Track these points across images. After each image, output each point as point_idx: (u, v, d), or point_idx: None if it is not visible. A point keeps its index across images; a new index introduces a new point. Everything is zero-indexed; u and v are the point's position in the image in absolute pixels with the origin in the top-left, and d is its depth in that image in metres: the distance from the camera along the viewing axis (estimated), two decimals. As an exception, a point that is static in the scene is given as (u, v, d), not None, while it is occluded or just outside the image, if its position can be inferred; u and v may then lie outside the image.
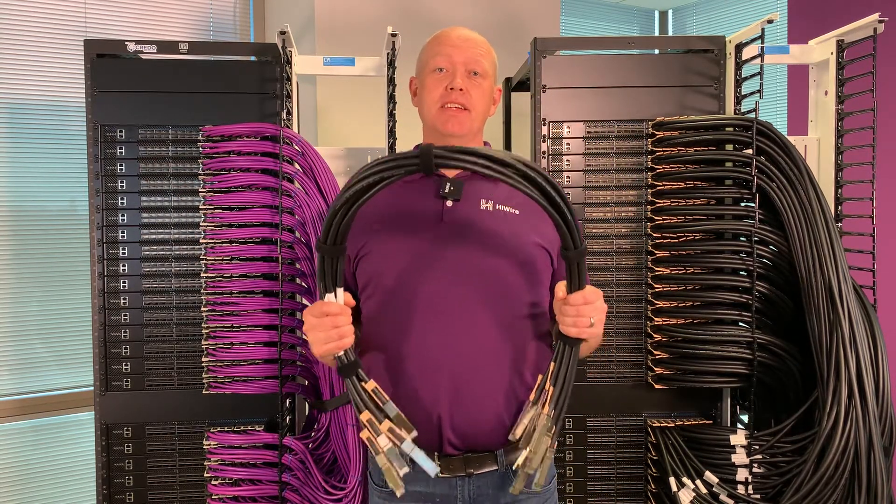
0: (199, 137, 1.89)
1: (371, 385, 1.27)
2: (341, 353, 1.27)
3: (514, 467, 1.26)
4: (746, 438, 1.86)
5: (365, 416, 1.25)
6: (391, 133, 2.02)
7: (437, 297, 1.35)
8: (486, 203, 1.41)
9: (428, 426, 1.34)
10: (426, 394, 1.34)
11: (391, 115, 2.02)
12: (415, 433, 1.25)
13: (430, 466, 1.24)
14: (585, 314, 1.24)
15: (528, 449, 1.24)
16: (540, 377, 1.28)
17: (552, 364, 1.27)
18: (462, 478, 1.36)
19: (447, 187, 1.39)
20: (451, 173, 1.44)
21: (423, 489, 1.37)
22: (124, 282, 2.01)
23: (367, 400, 1.26)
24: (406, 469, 1.23)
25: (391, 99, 2.02)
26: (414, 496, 1.38)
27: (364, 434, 1.25)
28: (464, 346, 1.34)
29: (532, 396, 1.28)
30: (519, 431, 1.27)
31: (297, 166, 1.91)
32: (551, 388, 1.25)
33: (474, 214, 1.39)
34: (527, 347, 1.38)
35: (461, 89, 1.39)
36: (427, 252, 1.36)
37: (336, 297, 1.27)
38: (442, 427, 1.34)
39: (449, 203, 1.40)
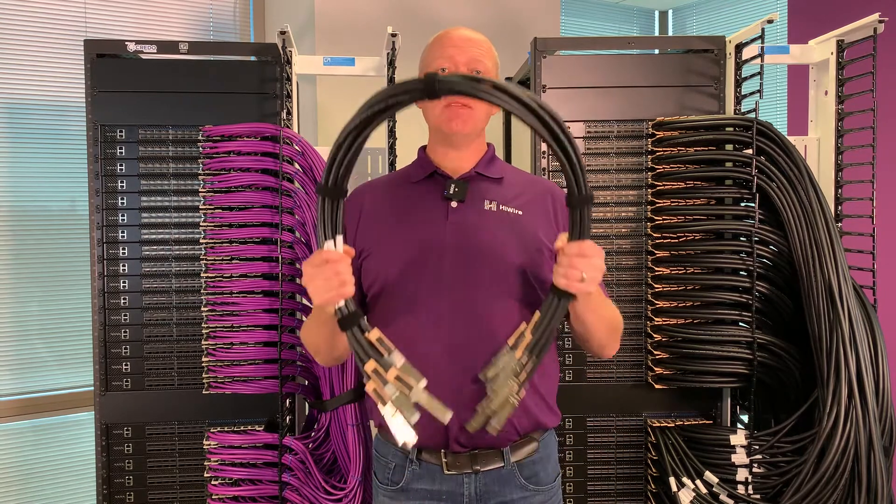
0: (199, 137, 1.89)
1: (375, 334, 1.21)
2: (342, 303, 1.21)
3: (476, 407, 1.22)
4: (746, 438, 1.86)
5: (369, 365, 1.18)
6: (391, 133, 2.03)
7: (442, 297, 1.36)
8: (490, 204, 1.41)
9: (435, 424, 1.34)
10: (432, 391, 1.34)
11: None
12: (424, 381, 1.18)
13: (445, 413, 1.17)
14: (578, 266, 1.20)
15: (492, 389, 1.20)
16: (524, 324, 1.25)
17: (537, 313, 1.24)
18: (468, 474, 1.37)
19: (452, 189, 1.40)
20: (455, 174, 1.44)
21: (428, 486, 1.38)
22: (124, 282, 2.01)
23: (370, 350, 1.19)
24: (417, 416, 1.16)
25: (391, 99, 2.02)
26: (420, 494, 1.38)
27: (370, 386, 1.18)
28: (468, 345, 1.34)
29: (511, 341, 1.25)
30: (490, 373, 1.23)
31: (297, 166, 1.91)
32: (529, 337, 1.22)
33: (478, 215, 1.40)
34: None
35: None
36: (432, 253, 1.36)
37: (336, 245, 1.21)
38: (448, 426, 1.34)
39: (454, 204, 1.40)
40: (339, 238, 1.23)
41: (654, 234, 1.97)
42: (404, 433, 1.17)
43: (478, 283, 1.36)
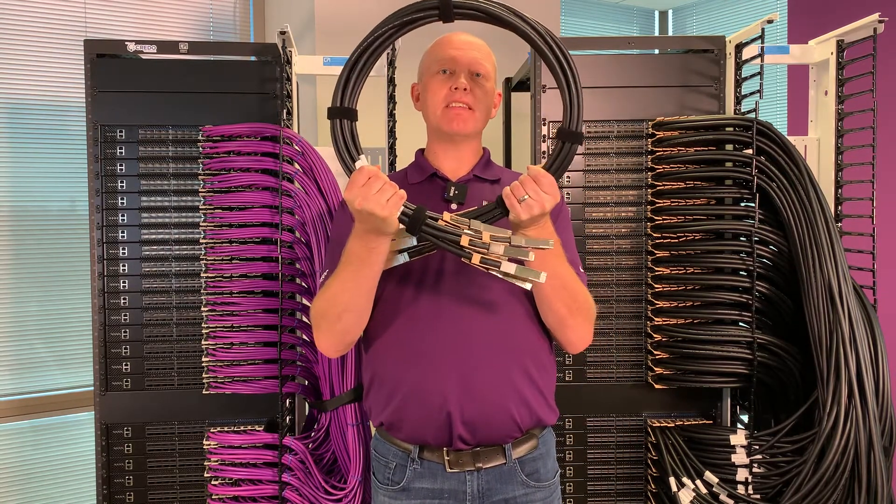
0: (199, 137, 1.89)
1: (447, 216, 1.23)
2: (402, 207, 1.22)
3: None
4: (746, 438, 1.86)
5: (464, 240, 1.19)
6: (391, 133, 2.03)
7: (443, 296, 1.37)
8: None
9: (438, 422, 1.36)
10: (435, 390, 1.35)
11: (391, 115, 2.02)
12: (510, 232, 1.21)
13: (547, 242, 1.21)
14: (526, 187, 1.22)
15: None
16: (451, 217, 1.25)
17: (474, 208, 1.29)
18: (471, 472, 1.38)
19: (452, 191, 1.42)
20: (453, 177, 1.45)
21: (430, 485, 1.38)
22: (124, 282, 2.01)
23: (453, 230, 1.21)
24: (532, 255, 1.18)
25: (391, 99, 2.02)
26: (422, 493, 1.39)
27: (476, 258, 1.19)
28: (470, 342, 1.36)
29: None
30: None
31: (297, 166, 1.91)
32: (453, 216, 1.24)
33: None
34: (530, 341, 1.40)
35: (465, 89, 1.41)
36: (433, 254, 1.37)
37: (365, 162, 1.23)
38: (452, 422, 1.35)
39: (454, 206, 1.43)
40: (363, 156, 1.24)
41: (654, 234, 1.97)
42: (534, 274, 1.19)
43: (478, 281, 1.37)
